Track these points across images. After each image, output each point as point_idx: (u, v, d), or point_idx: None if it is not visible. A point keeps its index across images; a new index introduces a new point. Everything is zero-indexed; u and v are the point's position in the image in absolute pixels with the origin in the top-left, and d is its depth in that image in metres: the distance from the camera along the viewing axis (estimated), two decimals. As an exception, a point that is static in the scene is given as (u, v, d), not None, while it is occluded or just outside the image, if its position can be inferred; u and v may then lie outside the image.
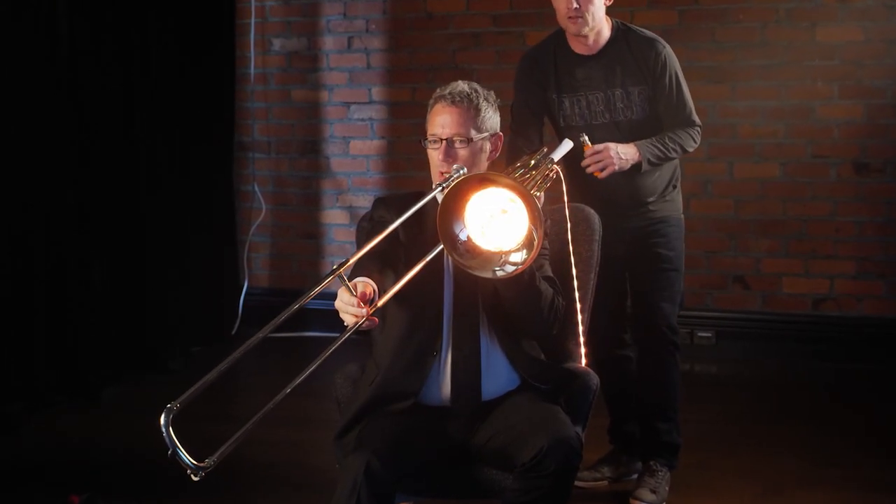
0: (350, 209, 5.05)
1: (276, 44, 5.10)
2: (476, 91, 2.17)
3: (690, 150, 2.75)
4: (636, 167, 2.64)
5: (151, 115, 4.36)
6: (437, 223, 1.84)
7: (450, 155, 2.12)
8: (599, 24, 2.69)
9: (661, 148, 2.67)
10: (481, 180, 1.85)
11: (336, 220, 5.10)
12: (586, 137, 2.60)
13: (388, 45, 4.94)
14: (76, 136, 3.90)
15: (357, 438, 1.99)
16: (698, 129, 2.78)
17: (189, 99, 4.67)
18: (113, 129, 4.14)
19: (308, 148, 5.11)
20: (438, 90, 2.20)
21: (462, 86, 2.17)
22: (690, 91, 2.82)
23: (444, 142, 2.13)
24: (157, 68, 4.42)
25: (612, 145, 2.59)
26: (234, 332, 4.97)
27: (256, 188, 5.14)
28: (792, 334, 4.46)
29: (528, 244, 1.83)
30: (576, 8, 2.61)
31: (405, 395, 2.07)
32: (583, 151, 2.60)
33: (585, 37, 2.69)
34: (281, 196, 5.17)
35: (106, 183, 4.07)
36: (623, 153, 2.60)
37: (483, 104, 2.17)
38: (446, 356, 2.10)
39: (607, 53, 2.71)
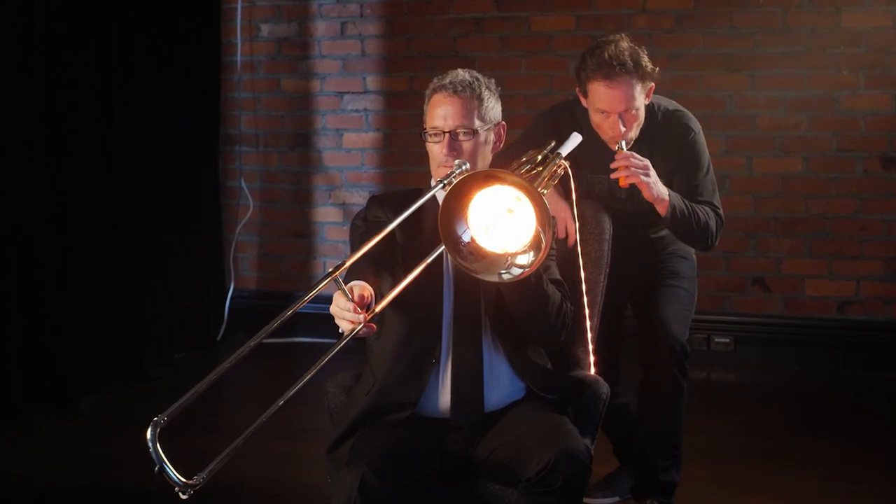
0: (343, 206, 5.06)
1: (265, 30, 5.10)
2: (477, 79, 2.18)
3: (712, 237, 2.64)
4: (656, 212, 2.55)
5: (131, 106, 4.36)
6: (439, 223, 1.85)
7: (454, 148, 2.12)
8: (640, 121, 2.62)
9: (689, 208, 2.58)
10: (485, 177, 1.86)
11: (328, 217, 5.10)
12: (623, 143, 2.54)
13: (385, 31, 4.94)
14: (50, 131, 3.89)
15: (351, 451, 2.00)
16: (721, 217, 2.67)
17: (171, 89, 4.68)
18: (90, 123, 4.14)
19: (298, 141, 5.11)
20: (436, 80, 2.20)
21: (463, 74, 2.18)
22: (706, 80, 2.82)
23: (446, 135, 2.14)
24: (137, 56, 4.42)
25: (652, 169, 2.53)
26: (219, 338, 4.97)
27: (243, 184, 5.15)
28: (815, 340, 4.46)
29: (535, 245, 1.83)
30: (623, 130, 2.55)
31: (402, 405, 2.08)
32: (611, 158, 2.52)
33: None
34: (269, 192, 5.17)
35: (83, 179, 4.07)
36: (658, 181, 2.52)
37: (485, 93, 2.18)
38: (446, 364, 2.10)
39: (637, 142, 2.62)
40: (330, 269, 1.77)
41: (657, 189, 2.51)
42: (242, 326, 4.96)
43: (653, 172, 2.50)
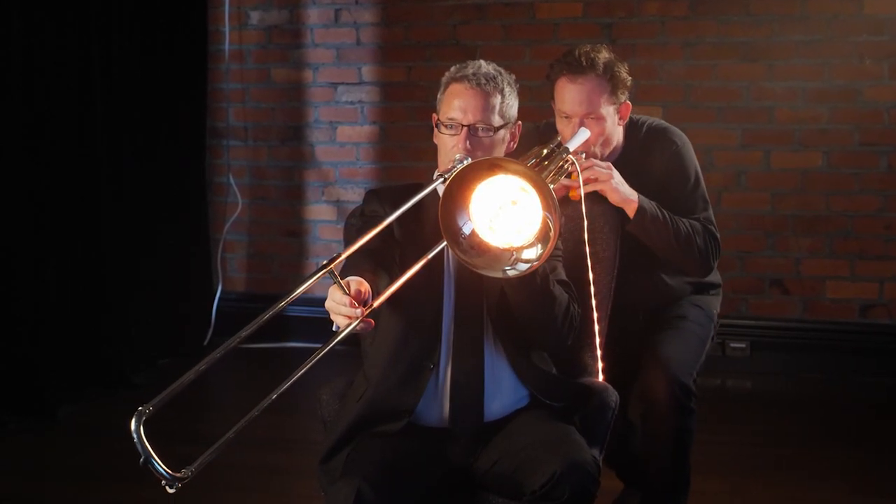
0: (337, 203, 5.06)
1: (254, 17, 5.10)
2: (500, 73, 2.20)
3: (702, 254, 2.57)
4: (624, 213, 2.48)
5: (112, 98, 4.36)
6: (439, 213, 1.85)
7: (472, 144, 2.13)
8: (613, 141, 2.61)
9: (665, 216, 2.51)
10: (490, 166, 1.86)
11: (321, 215, 5.10)
12: (584, 155, 2.50)
13: (381, 19, 4.94)
14: (25, 122, 3.89)
15: (345, 463, 2.00)
16: (714, 235, 2.61)
17: (155, 79, 4.67)
18: (69, 115, 4.13)
19: (290, 134, 5.11)
20: (455, 69, 2.21)
21: (486, 67, 2.19)
22: (721, 70, 2.81)
23: (465, 128, 2.14)
24: (119, 44, 4.42)
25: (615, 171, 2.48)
26: (205, 343, 4.97)
27: (232, 180, 5.15)
28: (836, 345, 4.46)
29: (541, 240, 1.83)
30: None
31: (398, 413, 2.07)
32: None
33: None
34: (259, 189, 5.17)
35: (61, 175, 4.07)
36: (623, 182, 2.47)
37: (507, 88, 2.20)
38: (445, 370, 2.10)
39: (619, 164, 2.57)
40: (324, 262, 1.77)
41: (623, 190, 2.47)
42: (230, 331, 4.86)
43: (616, 173, 2.47)
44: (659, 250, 2.60)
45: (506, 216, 1.87)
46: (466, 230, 1.87)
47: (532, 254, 1.85)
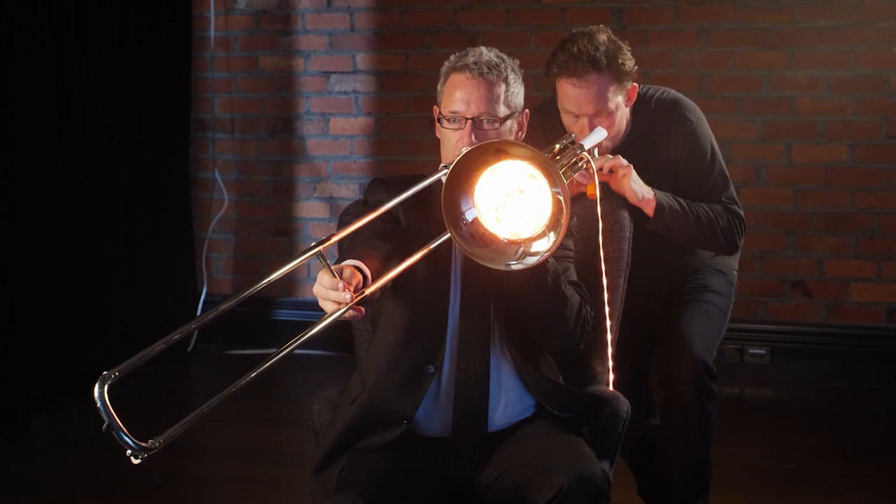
0: (330, 200, 5.06)
1: (241, 1, 5.11)
2: (503, 60, 2.20)
3: (726, 236, 2.62)
4: (643, 213, 2.52)
5: (91, 88, 4.36)
6: (442, 197, 1.85)
7: (477, 137, 2.13)
8: (623, 127, 2.63)
9: (683, 206, 2.55)
10: (496, 151, 1.86)
11: (313, 213, 5.11)
12: (596, 151, 2.51)
13: (376, 3, 4.95)
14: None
15: (340, 477, 2.00)
16: (737, 214, 2.64)
17: (136, 68, 4.68)
18: (44, 107, 4.14)
19: (279, 127, 5.12)
20: (455, 57, 2.22)
21: (487, 54, 2.20)
22: (739, 58, 2.81)
23: (468, 121, 2.15)
24: (98, 32, 4.42)
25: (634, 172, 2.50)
26: (189, 349, 4.97)
27: (217, 175, 5.15)
28: (862, 351, 4.46)
29: (550, 230, 1.83)
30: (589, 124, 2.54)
31: (395, 418, 2.08)
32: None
33: None
34: (247, 185, 5.18)
35: (35, 169, 4.07)
36: (639, 180, 2.49)
37: (511, 76, 2.20)
38: (449, 375, 2.11)
39: (628, 144, 2.62)
40: (313, 244, 1.77)
41: (639, 189, 2.50)
42: (217, 335, 4.95)
43: (634, 173, 2.49)
44: (681, 241, 2.64)
45: (513, 205, 1.87)
46: (469, 216, 1.88)
47: (539, 247, 1.86)
